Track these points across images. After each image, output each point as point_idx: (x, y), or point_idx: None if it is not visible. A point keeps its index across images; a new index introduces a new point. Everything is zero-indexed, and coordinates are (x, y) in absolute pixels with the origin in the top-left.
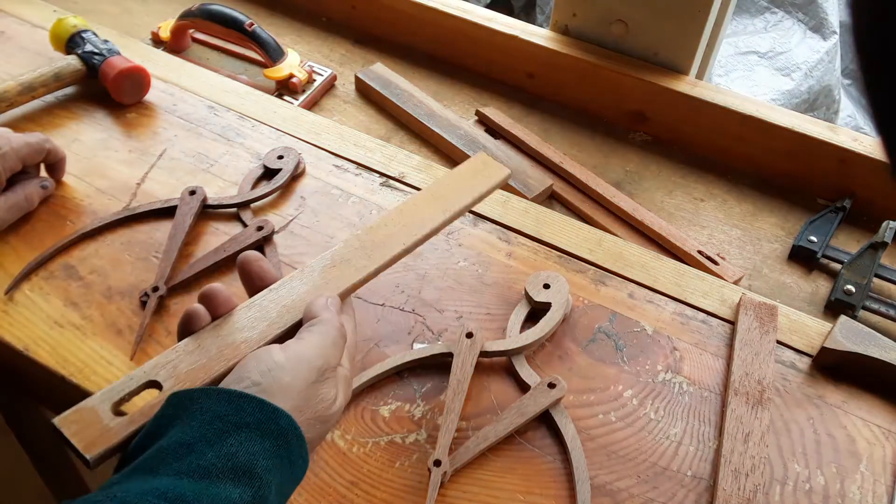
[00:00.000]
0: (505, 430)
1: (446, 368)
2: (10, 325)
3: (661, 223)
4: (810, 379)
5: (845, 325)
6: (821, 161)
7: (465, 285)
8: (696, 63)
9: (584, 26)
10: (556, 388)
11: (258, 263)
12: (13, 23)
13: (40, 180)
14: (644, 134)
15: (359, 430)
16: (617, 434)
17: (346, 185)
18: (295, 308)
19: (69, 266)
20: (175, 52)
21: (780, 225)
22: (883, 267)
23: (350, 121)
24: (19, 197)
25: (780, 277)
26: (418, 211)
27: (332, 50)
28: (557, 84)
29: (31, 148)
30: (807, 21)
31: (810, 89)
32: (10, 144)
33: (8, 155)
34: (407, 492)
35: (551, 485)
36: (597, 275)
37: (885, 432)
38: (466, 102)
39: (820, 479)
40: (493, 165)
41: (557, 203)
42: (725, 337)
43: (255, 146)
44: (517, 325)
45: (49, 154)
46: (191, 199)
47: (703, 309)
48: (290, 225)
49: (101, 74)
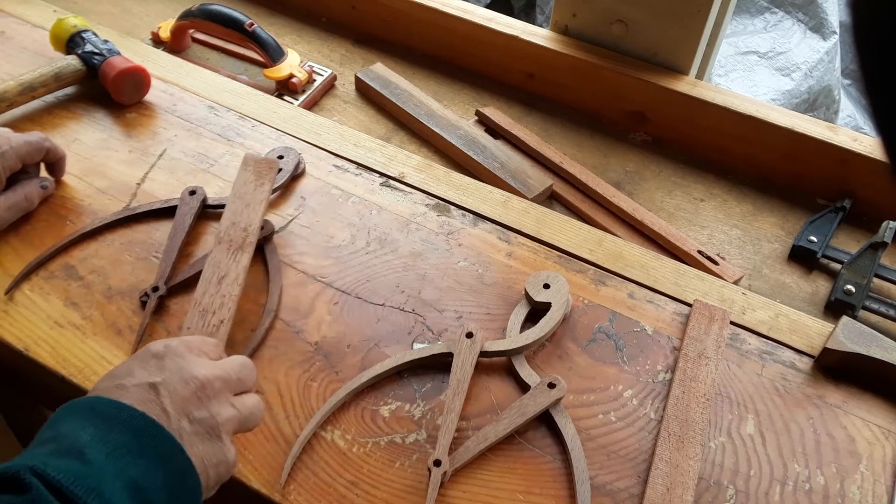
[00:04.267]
0: (505, 430)
1: (446, 368)
2: (10, 325)
3: (661, 223)
4: (810, 379)
5: (847, 325)
6: (821, 161)
7: (465, 285)
8: (695, 63)
9: (584, 26)
10: (556, 388)
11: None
12: (13, 23)
13: (40, 180)
14: (644, 134)
15: (359, 430)
16: (617, 434)
17: (346, 185)
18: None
19: (69, 266)
20: (175, 53)
21: (780, 225)
22: (883, 267)
23: (350, 121)
24: (19, 197)
25: (780, 277)
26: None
27: (332, 50)
28: (557, 84)
29: (30, 147)
30: (807, 21)
31: (810, 89)
32: (10, 144)
33: (7, 154)
34: (407, 492)
35: (551, 485)
36: (597, 275)
37: (885, 432)
38: (466, 102)
39: (820, 479)
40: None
41: (557, 203)
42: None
43: (255, 146)
44: (517, 325)
45: (48, 153)
46: (191, 199)
47: None
48: (290, 225)
49: (102, 74)
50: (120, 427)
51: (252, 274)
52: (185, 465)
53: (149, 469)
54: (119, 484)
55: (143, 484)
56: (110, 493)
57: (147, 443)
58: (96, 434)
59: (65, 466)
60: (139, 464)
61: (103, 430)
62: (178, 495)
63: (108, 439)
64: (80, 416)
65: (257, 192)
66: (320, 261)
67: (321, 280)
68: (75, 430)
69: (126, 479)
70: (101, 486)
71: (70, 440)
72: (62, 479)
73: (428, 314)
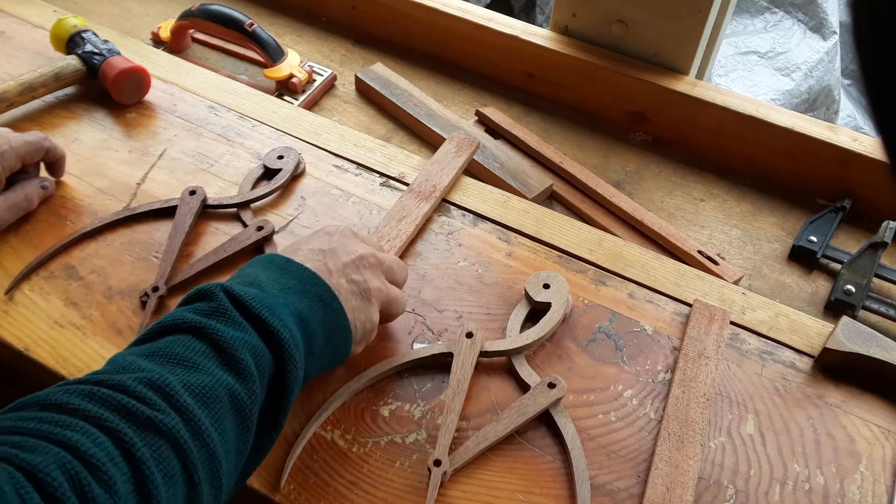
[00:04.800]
0: (505, 429)
1: (446, 368)
2: (10, 325)
3: (661, 223)
4: (810, 379)
5: (847, 325)
6: (821, 161)
7: (465, 285)
8: (695, 63)
9: (584, 26)
10: (556, 388)
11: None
12: (13, 23)
13: (40, 180)
14: (644, 134)
15: (359, 430)
16: (617, 434)
17: (346, 185)
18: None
19: (69, 266)
20: (175, 53)
21: (779, 225)
22: (883, 267)
23: (350, 121)
24: (19, 197)
25: (779, 277)
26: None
27: (332, 50)
28: (557, 84)
29: (30, 147)
30: (807, 21)
31: (810, 89)
32: (10, 143)
33: (7, 154)
34: (407, 491)
35: (551, 484)
36: (597, 275)
37: (885, 432)
38: (466, 102)
39: (819, 479)
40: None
41: (557, 203)
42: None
43: (255, 146)
44: (517, 325)
45: (48, 153)
46: (191, 199)
47: None
48: (290, 225)
49: (102, 74)
50: (290, 274)
51: None
52: (339, 311)
53: (312, 307)
54: (288, 310)
55: (307, 316)
56: (281, 314)
57: (310, 288)
58: (271, 276)
59: (247, 290)
60: (304, 301)
61: (277, 274)
62: (334, 334)
63: (280, 281)
64: (260, 265)
65: (453, 160)
66: None
67: None
68: (256, 271)
69: (293, 309)
70: (275, 307)
71: (251, 276)
72: (244, 295)
73: (428, 314)
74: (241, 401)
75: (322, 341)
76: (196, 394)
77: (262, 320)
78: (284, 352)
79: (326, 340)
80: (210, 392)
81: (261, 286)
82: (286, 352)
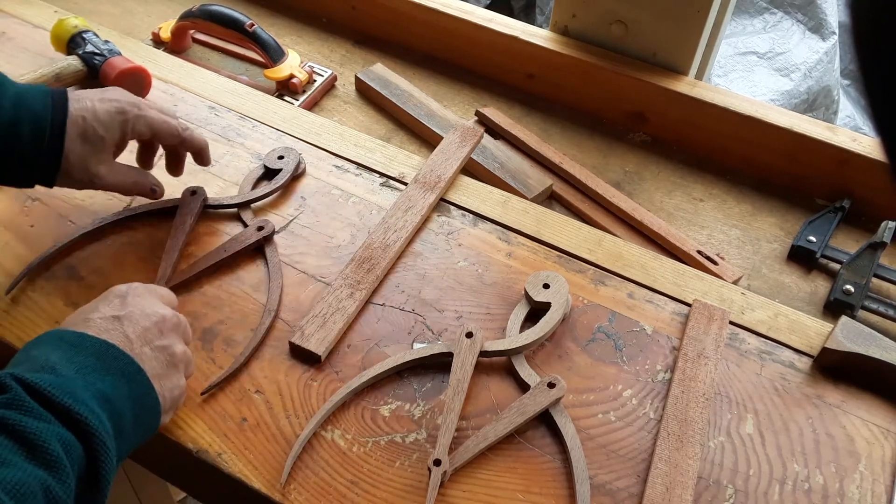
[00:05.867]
0: (505, 429)
1: (446, 368)
2: (12, 325)
3: (661, 223)
4: (809, 379)
5: (846, 325)
6: (820, 161)
7: (465, 285)
8: (695, 63)
9: (583, 27)
10: (556, 388)
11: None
12: (14, 23)
13: (156, 184)
14: (643, 134)
15: (359, 430)
16: (616, 433)
17: (346, 185)
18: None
19: (70, 266)
20: (176, 53)
21: (779, 225)
22: (882, 267)
23: (350, 121)
24: (129, 180)
25: (779, 277)
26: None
27: (333, 50)
28: (557, 84)
29: (166, 127)
30: (806, 22)
31: (809, 90)
32: (144, 113)
33: (137, 121)
34: (407, 491)
35: (551, 484)
36: (596, 275)
37: (884, 432)
38: (466, 102)
39: (819, 479)
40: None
41: (557, 203)
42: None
43: (255, 146)
44: (517, 325)
45: (185, 143)
46: (191, 200)
47: None
48: (290, 225)
49: (102, 75)
50: (85, 351)
51: (252, 274)
52: (146, 384)
53: (115, 384)
54: (89, 393)
55: (111, 396)
56: (83, 398)
57: (110, 364)
58: (64, 356)
59: (41, 377)
60: (106, 379)
61: (70, 353)
62: (142, 410)
63: (75, 360)
64: (48, 344)
65: (458, 150)
66: (320, 261)
67: (321, 280)
68: (45, 353)
69: (95, 391)
70: (76, 392)
71: (42, 360)
72: (40, 383)
73: (428, 314)
74: (56, 496)
75: (130, 419)
76: (8, 491)
77: (66, 408)
78: (95, 440)
79: (135, 418)
80: (23, 489)
81: (54, 370)
82: (97, 440)
